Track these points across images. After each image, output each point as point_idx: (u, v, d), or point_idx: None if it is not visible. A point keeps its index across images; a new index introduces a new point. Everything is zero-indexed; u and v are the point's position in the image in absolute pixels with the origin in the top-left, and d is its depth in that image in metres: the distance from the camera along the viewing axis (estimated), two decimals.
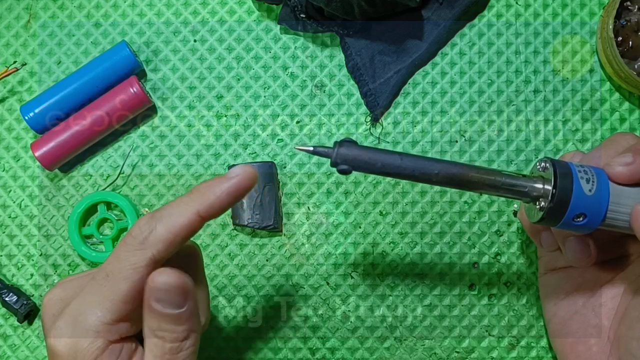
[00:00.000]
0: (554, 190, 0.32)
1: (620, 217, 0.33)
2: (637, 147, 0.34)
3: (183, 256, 0.35)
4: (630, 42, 0.43)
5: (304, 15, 0.45)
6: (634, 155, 0.33)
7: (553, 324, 0.41)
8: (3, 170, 0.47)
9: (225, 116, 0.47)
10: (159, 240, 0.31)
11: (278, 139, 0.47)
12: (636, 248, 0.38)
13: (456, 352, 0.45)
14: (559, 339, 0.40)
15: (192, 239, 0.33)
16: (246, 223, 0.45)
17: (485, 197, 0.46)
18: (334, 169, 0.46)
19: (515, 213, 0.45)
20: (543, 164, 0.34)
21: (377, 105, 0.46)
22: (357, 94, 0.47)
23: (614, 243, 0.38)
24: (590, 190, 0.32)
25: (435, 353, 0.45)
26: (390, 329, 0.45)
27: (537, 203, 0.33)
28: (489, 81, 0.47)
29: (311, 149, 0.31)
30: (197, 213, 0.31)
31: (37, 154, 0.44)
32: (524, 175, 0.33)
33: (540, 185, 0.33)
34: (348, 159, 0.31)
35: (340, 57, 0.47)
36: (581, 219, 0.32)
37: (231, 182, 0.31)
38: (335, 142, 0.31)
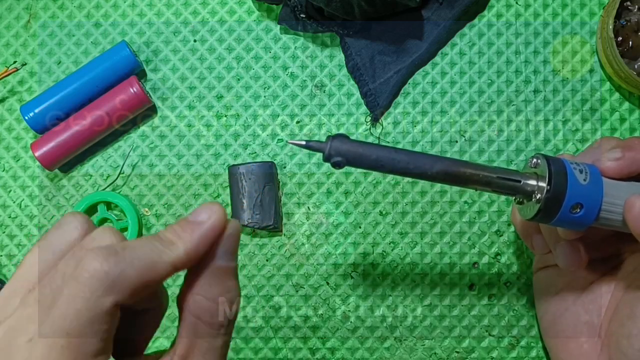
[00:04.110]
0: (548, 182, 0.32)
1: (614, 210, 0.33)
2: (625, 143, 0.35)
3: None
4: (630, 42, 0.43)
5: (304, 15, 0.45)
6: (622, 150, 0.34)
7: (545, 321, 0.41)
8: (3, 170, 0.47)
9: (225, 116, 0.47)
10: (127, 287, 0.25)
11: (278, 139, 0.47)
12: (627, 246, 0.38)
13: (456, 352, 0.45)
14: (550, 336, 0.41)
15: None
16: (246, 223, 0.45)
17: (485, 197, 0.46)
18: (334, 169, 0.46)
19: None
20: (535, 160, 0.34)
21: (377, 105, 0.46)
22: (357, 94, 0.47)
23: (605, 241, 0.39)
24: (584, 180, 0.32)
25: (435, 353, 0.45)
26: (390, 329, 0.45)
27: (533, 196, 0.33)
28: (489, 81, 0.47)
29: (304, 143, 0.31)
30: (172, 265, 0.26)
31: (37, 154, 0.44)
32: (517, 172, 0.34)
33: (534, 182, 0.33)
34: (341, 151, 0.31)
35: (340, 57, 0.47)
36: (578, 210, 0.32)
37: (204, 228, 0.27)
38: (328, 137, 0.31)
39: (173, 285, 0.45)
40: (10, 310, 0.26)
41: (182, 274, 0.29)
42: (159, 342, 0.46)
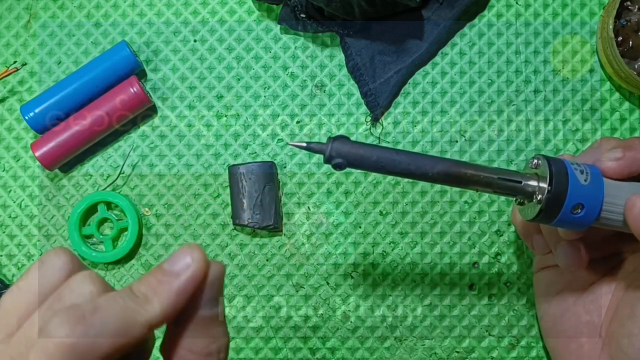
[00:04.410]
0: (549, 183, 0.32)
1: (615, 210, 0.33)
2: (625, 143, 0.35)
3: None
4: (631, 42, 0.43)
5: (304, 15, 0.45)
6: (623, 150, 0.34)
7: (545, 321, 0.41)
8: (3, 170, 0.47)
9: (226, 116, 0.47)
10: (98, 357, 0.23)
11: (278, 139, 0.47)
12: (628, 246, 0.38)
13: (456, 352, 0.45)
14: (551, 336, 0.41)
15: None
16: (246, 223, 0.45)
17: (485, 197, 0.46)
18: (334, 170, 0.46)
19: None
20: (535, 161, 0.34)
21: (377, 105, 0.46)
22: (357, 94, 0.47)
23: (606, 241, 0.39)
24: (585, 180, 0.32)
25: (435, 353, 0.45)
26: (391, 329, 0.45)
27: (534, 197, 0.33)
28: (489, 81, 0.47)
29: (304, 144, 0.31)
30: (148, 325, 0.24)
31: (37, 154, 0.44)
32: (518, 173, 0.34)
33: (535, 182, 0.33)
34: (342, 152, 0.31)
35: (340, 57, 0.47)
36: (579, 210, 0.32)
37: (182, 280, 0.25)
38: (329, 138, 0.31)
39: None
40: None
41: None
42: None
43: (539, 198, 0.32)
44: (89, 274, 0.25)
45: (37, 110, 0.45)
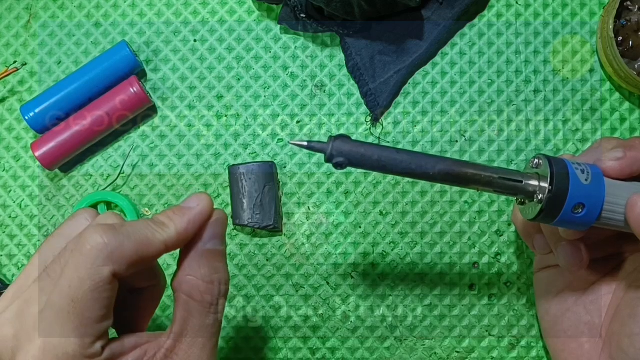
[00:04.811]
0: (550, 182, 0.32)
1: (616, 209, 0.33)
2: (627, 143, 0.35)
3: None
4: (631, 42, 0.43)
5: (304, 15, 0.45)
6: (624, 150, 0.34)
7: (545, 321, 0.41)
8: (3, 170, 0.47)
9: (226, 116, 0.47)
10: (124, 258, 0.28)
11: (278, 139, 0.47)
12: (628, 246, 0.38)
13: (456, 352, 0.45)
14: (551, 336, 0.41)
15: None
16: (246, 223, 0.45)
17: (485, 197, 0.46)
18: (334, 169, 0.46)
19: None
20: (536, 160, 0.34)
21: (377, 105, 0.46)
22: (357, 94, 0.47)
23: (606, 242, 0.39)
24: (586, 180, 0.32)
25: (435, 353, 0.45)
26: (391, 329, 0.45)
27: (535, 197, 0.33)
28: (489, 81, 0.47)
29: (305, 143, 0.31)
30: (164, 244, 0.30)
31: (37, 154, 0.44)
32: (519, 172, 0.33)
33: (536, 182, 0.33)
34: (343, 152, 0.31)
35: (340, 57, 0.47)
36: (580, 210, 0.32)
37: (193, 213, 0.31)
38: (330, 137, 0.31)
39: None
40: (26, 288, 0.29)
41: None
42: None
43: (540, 198, 0.32)
44: (113, 213, 0.31)
45: (37, 110, 0.45)
